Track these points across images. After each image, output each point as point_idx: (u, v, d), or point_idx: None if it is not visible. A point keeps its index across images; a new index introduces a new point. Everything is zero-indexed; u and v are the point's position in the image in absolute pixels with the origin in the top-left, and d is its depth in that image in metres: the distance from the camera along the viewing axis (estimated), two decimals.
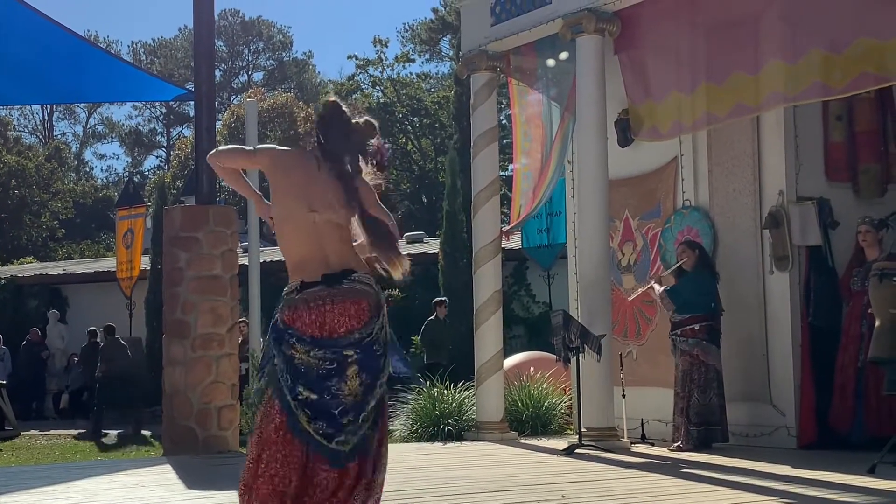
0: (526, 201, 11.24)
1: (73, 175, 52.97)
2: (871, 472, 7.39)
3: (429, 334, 16.36)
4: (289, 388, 4.17)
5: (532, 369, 12.20)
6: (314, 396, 4.15)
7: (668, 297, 9.68)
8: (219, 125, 38.22)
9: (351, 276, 4.25)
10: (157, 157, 58.75)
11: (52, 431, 16.82)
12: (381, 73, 42.07)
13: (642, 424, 10.12)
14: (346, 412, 4.16)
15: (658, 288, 9.88)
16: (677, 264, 9.83)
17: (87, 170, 57.93)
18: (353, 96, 42.77)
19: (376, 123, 4.43)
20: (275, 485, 4.14)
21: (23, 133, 52.59)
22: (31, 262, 32.61)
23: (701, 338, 9.51)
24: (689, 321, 9.55)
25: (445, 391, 11.47)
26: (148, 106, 56.50)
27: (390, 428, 11.48)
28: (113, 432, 15.97)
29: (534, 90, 11.17)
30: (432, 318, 16.39)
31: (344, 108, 4.37)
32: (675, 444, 9.43)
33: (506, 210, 13.76)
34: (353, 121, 4.38)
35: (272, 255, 23.05)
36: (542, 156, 10.99)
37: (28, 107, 50.72)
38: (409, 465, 8.74)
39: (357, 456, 4.18)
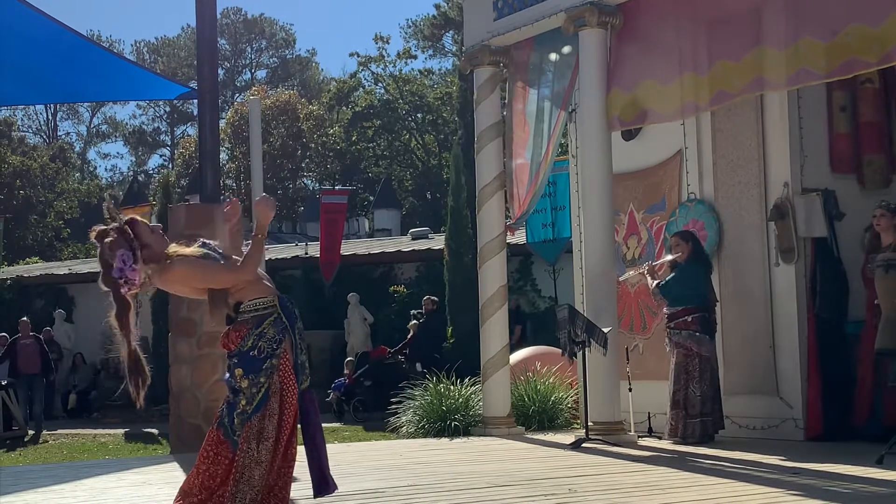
0: (514, 199, 11.25)
1: (78, 175, 53.03)
2: (880, 462, 7.39)
3: None
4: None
5: (538, 364, 12.20)
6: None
7: (661, 293, 9.68)
8: (222, 123, 38.25)
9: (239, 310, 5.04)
10: (161, 155, 58.89)
11: (59, 431, 16.85)
12: (384, 69, 42.06)
13: (649, 418, 10.12)
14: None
15: (651, 282, 9.89)
16: (672, 257, 9.83)
17: (92, 169, 58.04)
18: (356, 93, 42.79)
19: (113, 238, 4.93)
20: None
21: (27, 133, 52.70)
22: (37, 262, 32.64)
23: (694, 330, 9.51)
24: (682, 313, 9.56)
25: (452, 387, 11.47)
26: (151, 105, 56.58)
27: (397, 423, 11.62)
28: (119, 431, 16.00)
29: (528, 87, 11.13)
30: None
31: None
32: (675, 438, 9.42)
33: (509, 205, 13.76)
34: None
35: (277, 252, 23.08)
36: (527, 154, 10.98)
37: (32, 107, 50.79)
38: (416, 460, 8.75)
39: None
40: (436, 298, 17.83)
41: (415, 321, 17.67)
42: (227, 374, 5.04)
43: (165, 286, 5.05)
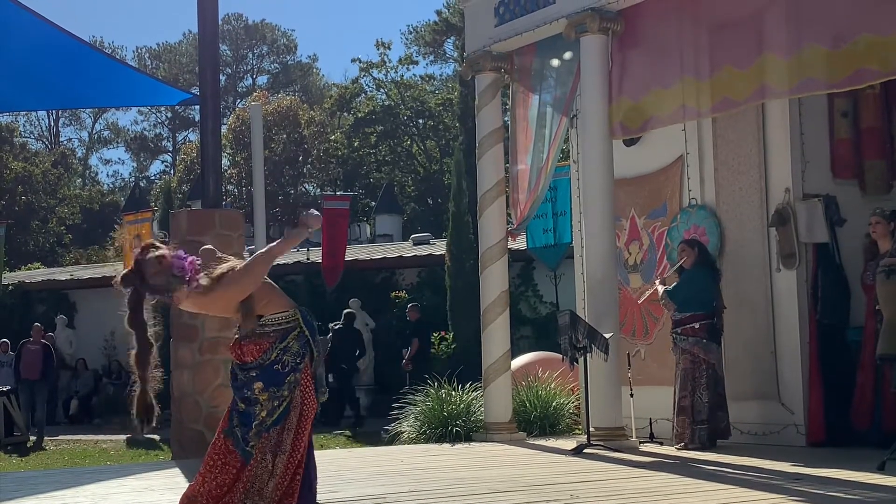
0: (515, 205, 11.26)
1: (80, 180, 53.06)
2: (881, 468, 7.38)
3: None
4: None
5: (540, 370, 12.19)
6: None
7: (669, 298, 9.69)
8: (224, 129, 38.28)
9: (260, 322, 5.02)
10: (162, 161, 58.85)
11: (61, 437, 16.85)
12: (385, 75, 42.09)
13: (651, 424, 10.11)
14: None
15: (661, 288, 9.89)
16: (678, 264, 9.84)
17: (93, 175, 58.05)
18: (357, 99, 42.80)
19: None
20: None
21: (29, 139, 52.70)
22: (39, 268, 32.66)
23: (701, 336, 9.52)
24: (690, 319, 9.56)
25: (453, 392, 11.46)
26: (153, 111, 56.54)
27: (399, 430, 11.61)
28: (120, 437, 16.00)
29: (531, 93, 11.13)
30: None
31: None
32: (681, 444, 9.43)
33: (511, 211, 13.78)
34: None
35: (278, 259, 23.06)
36: (528, 160, 10.99)
37: (34, 113, 50.87)
38: (417, 466, 8.75)
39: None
40: (349, 311, 17.90)
41: (331, 334, 17.80)
42: (238, 384, 4.98)
43: (205, 306, 4.99)
